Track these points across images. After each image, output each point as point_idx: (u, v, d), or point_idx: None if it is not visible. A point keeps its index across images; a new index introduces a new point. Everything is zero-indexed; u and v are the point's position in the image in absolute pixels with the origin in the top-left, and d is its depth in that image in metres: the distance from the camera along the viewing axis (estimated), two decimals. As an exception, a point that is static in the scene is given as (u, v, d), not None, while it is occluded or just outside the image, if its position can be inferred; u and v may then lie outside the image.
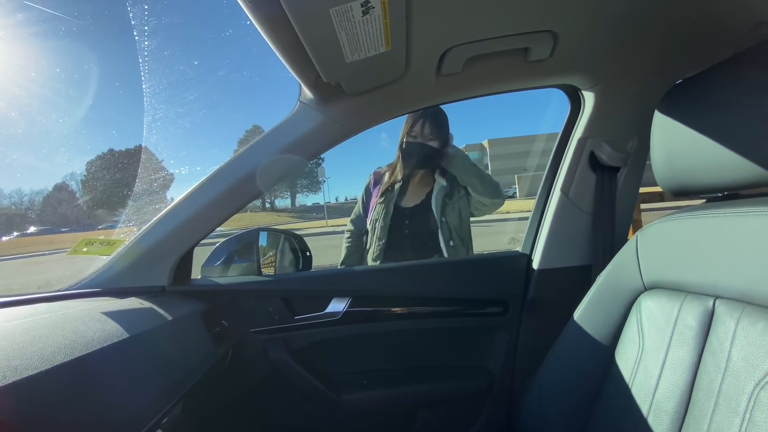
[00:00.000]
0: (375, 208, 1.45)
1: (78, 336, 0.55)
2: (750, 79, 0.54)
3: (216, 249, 1.04)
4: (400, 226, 1.41)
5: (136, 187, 0.99)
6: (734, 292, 0.53)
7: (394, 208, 1.41)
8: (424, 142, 1.36)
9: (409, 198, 1.45)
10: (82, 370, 0.49)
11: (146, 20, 0.76)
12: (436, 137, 1.35)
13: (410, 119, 1.36)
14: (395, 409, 1.03)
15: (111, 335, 0.58)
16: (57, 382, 0.45)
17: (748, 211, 0.53)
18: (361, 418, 1.02)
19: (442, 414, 1.04)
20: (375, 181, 1.52)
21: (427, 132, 1.35)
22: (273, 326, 0.98)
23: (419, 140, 1.36)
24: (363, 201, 1.54)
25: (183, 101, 1.17)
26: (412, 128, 1.36)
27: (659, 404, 0.59)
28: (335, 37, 0.60)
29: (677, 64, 0.86)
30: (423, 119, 1.34)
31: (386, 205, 1.42)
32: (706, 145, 0.59)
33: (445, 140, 1.37)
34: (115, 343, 0.57)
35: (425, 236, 1.39)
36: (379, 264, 1.38)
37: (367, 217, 1.49)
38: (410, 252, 1.39)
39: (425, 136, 1.35)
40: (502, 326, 1.04)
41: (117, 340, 0.57)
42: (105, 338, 0.57)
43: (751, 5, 0.72)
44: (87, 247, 0.87)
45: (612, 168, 0.96)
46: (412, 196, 1.45)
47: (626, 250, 0.72)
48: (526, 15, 0.69)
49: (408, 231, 1.41)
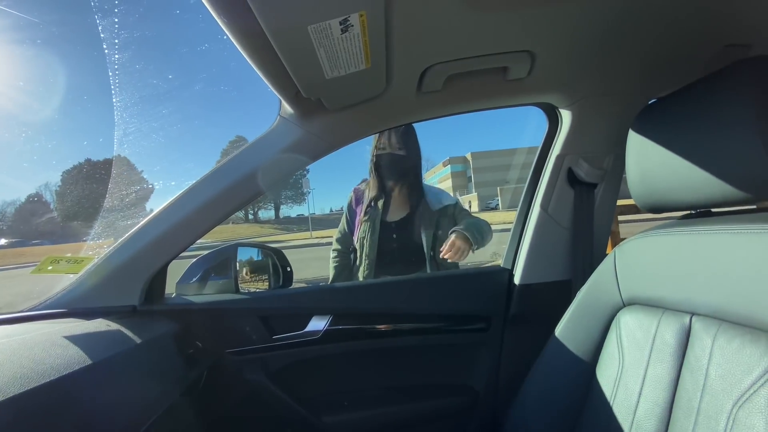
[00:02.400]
0: (361, 226, 1.44)
1: (36, 364, 0.51)
2: (719, 101, 0.56)
3: (192, 265, 1.00)
4: (388, 240, 1.40)
5: (106, 203, 0.95)
6: (710, 308, 0.54)
7: (381, 224, 1.41)
8: (393, 152, 1.37)
9: (393, 212, 1.44)
10: (37, 402, 0.46)
11: (117, 33, 0.74)
12: (404, 146, 1.36)
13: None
14: (378, 430, 1.00)
15: (72, 362, 0.54)
16: (8, 415, 0.42)
17: (721, 229, 0.54)
18: None
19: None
20: (356, 198, 1.51)
21: (394, 142, 1.36)
22: (250, 346, 0.94)
23: (388, 151, 1.37)
24: (347, 219, 1.52)
25: (156, 115, 1.14)
26: (380, 141, 1.37)
27: (640, 423, 0.58)
28: (314, 53, 0.59)
29: (650, 85, 0.89)
30: (389, 130, 1.35)
31: (372, 221, 1.41)
32: (677, 164, 0.60)
33: (414, 148, 1.38)
34: (76, 371, 0.53)
35: (414, 249, 1.38)
36: (361, 281, 1.36)
37: (354, 235, 1.48)
38: (400, 266, 1.39)
39: (393, 146, 1.36)
40: (485, 342, 1.04)
41: (78, 368, 0.54)
42: (66, 365, 0.53)
43: (720, 29, 0.75)
44: (52, 265, 0.83)
45: (589, 184, 0.98)
46: (397, 209, 1.44)
47: (605, 266, 0.72)
48: (503, 35, 0.71)
49: (396, 245, 1.40)
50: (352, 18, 0.53)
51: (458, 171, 52.48)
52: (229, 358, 0.93)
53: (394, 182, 1.43)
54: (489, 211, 28.75)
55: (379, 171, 1.41)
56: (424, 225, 1.38)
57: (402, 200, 1.44)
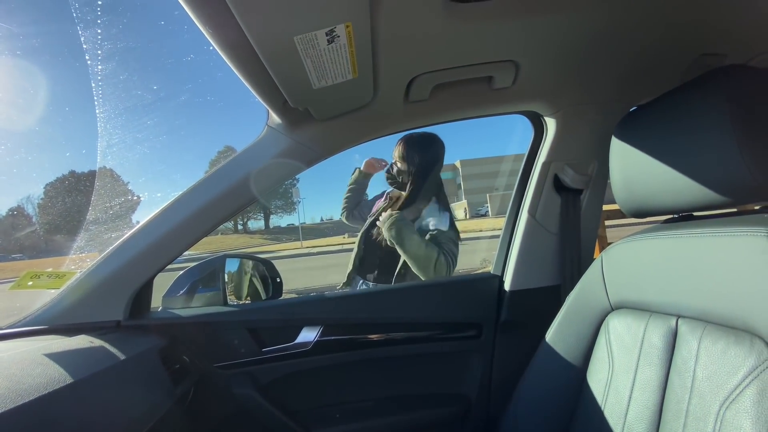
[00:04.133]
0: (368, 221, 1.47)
1: (14, 383, 0.49)
2: (696, 108, 0.58)
3: (178, 278, 0.98)
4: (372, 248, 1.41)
5: (89, 215, 0.93)
6: (695, 311, 0.55)
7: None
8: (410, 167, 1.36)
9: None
10: (16, 423, 0.44)
11: (100, 44, 0.73)
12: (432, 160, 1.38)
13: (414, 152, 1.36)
14: None
15: (53, 381, 0.53)
16: None
17: (703, 232, 0.55)
18: None
19: None
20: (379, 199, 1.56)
21: (416, 158, 1.36)
22: (239, 360, 0.93)
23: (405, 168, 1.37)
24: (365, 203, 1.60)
25: (141, 126, 1.13)
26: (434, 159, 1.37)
27: (631, 426, 0.59)
28: (301, 64, 0.60)
29: (631, 92, 0.92)
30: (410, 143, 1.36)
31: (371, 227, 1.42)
32: (659, 169, 0.61)
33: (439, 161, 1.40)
34: (56, 390, 0.51)
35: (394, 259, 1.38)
36: (350, 290, 1.36)
37: (364, 219, 1.53)
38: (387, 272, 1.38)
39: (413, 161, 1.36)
40: (477, 349, 1.03)
41: (59, 386, 0.52)
42: (46, 384, 0.51)
43: (697, 39, 0.78)
44: (33, 280, 0.80)
45: (576, 190, 1.00)
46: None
47: (592, 271, 0.73)
48: (488, 45, 0.72)
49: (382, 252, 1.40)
50: (338, 29, 0.54)
51: (448, 179, 52.95)
52: (217, 372, 0.91)
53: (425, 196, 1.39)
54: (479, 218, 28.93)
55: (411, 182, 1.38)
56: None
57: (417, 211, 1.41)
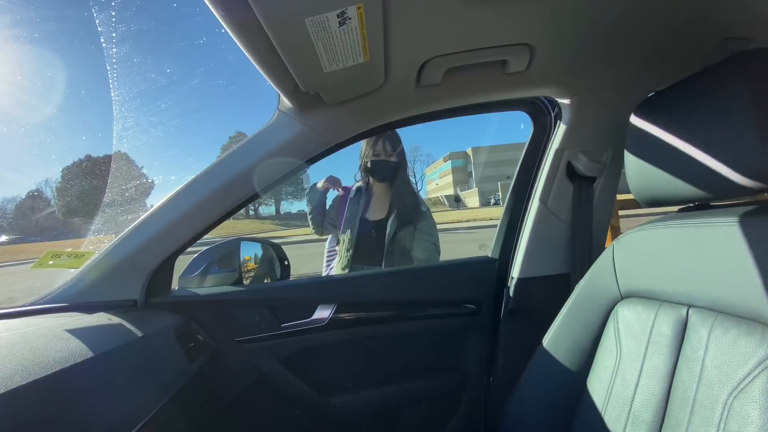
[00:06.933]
0: (343, 223, 1.53)
1: (37, 356, 0.52)
2: (717, 93, 0.56)
3: (194, 259, 1.02)
4: (366, 237, 1.47)
5: (106, 198, 0.95)
6: (706, 301, 0.54)
7: (360, 221, 1.50)
8: (387, 158, 1.47)
9: (374, 212, 1.52)
10: (38, 394, 0.47)
11: (114, 27, 0.74)
12: (395, 152, 1.49)
13: (370, 140, 1.47)
14: (380, 409, 1.07)
15: (73, 355, 0.55)
16: (10, 407, 0.42)
17: (718, 222, 0.54)
18: (347, 420, 1.05)
19: (423, 412, 1.09)
20: (344, 196, 1.60)
21: (388, 149, 1.47)
22: (259, 335, 0.98)
23: (383, 157, 1.47)
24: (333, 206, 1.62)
25: (155, 109, 1.15)
26: (374, 147, 1.47)
27: (637, 413, 0.59)
28: (312, 47, 0.59)
29: (649, 78, 0.89)
30: (382, 139, 1.46)
31: (353, 219, 1.50)
32: (676, 157, 0.60)
33: (402, 155, 1.51)
34: (77, 364, 0.54)
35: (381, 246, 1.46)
36: (362, 271, 1.42)
37: (338, 228, 1.57)
38: (374, 260, 1.45)
39: (387, 152, 1.47)
40: (475, 326, 1.10)
41: (79, 360, 0.54)
42: (67, 358, 0.54)
43: (720, 22, 0.74)
44: (53, 260, 0.83)
45: (589, 178, 0.98)
46: (377, 210, 1.53)
47: (603, 259, 0.72)
48: (502, 28, 0.70)
49: (373, 242, 1.47)
50: (350, 11, 0.53)
51: (459, 166, 52.39)
52: (238, 347, 0.97)
53: (381, 185, 1.52)
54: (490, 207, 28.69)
55: (373, 174, 1.51)
56: (399, 225, 1.46)
57: (383, 203, 1.52)
